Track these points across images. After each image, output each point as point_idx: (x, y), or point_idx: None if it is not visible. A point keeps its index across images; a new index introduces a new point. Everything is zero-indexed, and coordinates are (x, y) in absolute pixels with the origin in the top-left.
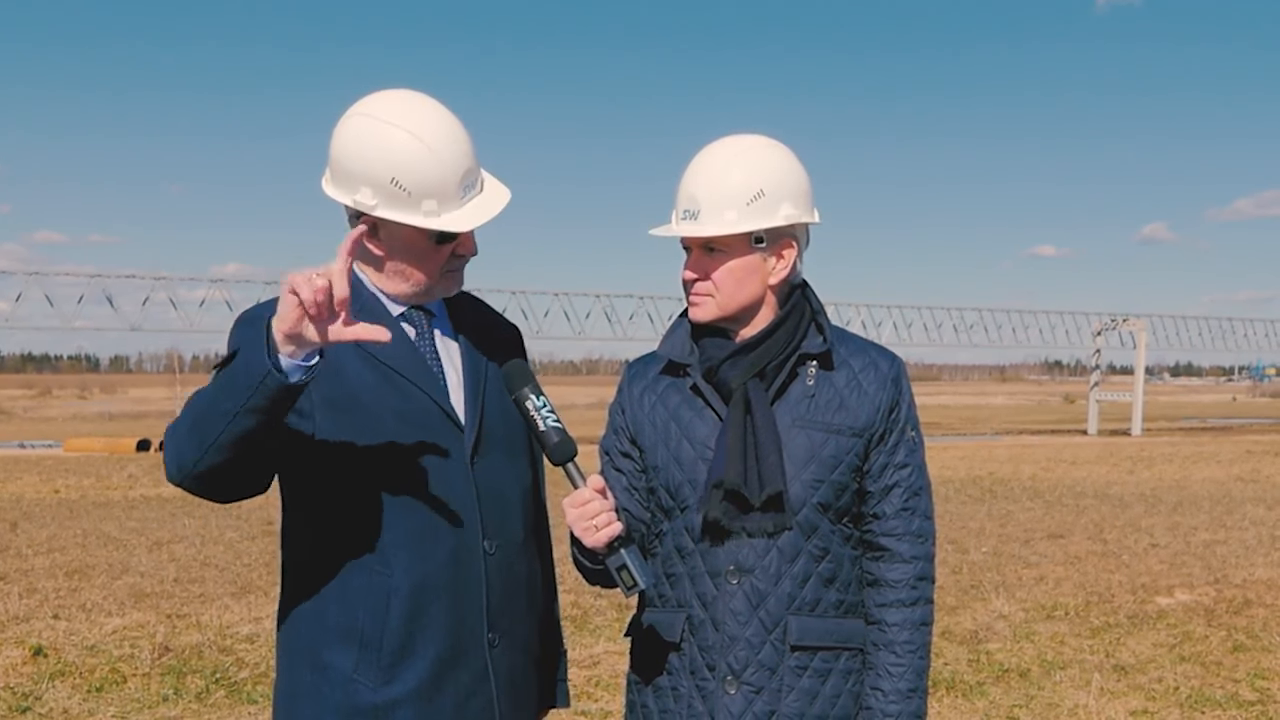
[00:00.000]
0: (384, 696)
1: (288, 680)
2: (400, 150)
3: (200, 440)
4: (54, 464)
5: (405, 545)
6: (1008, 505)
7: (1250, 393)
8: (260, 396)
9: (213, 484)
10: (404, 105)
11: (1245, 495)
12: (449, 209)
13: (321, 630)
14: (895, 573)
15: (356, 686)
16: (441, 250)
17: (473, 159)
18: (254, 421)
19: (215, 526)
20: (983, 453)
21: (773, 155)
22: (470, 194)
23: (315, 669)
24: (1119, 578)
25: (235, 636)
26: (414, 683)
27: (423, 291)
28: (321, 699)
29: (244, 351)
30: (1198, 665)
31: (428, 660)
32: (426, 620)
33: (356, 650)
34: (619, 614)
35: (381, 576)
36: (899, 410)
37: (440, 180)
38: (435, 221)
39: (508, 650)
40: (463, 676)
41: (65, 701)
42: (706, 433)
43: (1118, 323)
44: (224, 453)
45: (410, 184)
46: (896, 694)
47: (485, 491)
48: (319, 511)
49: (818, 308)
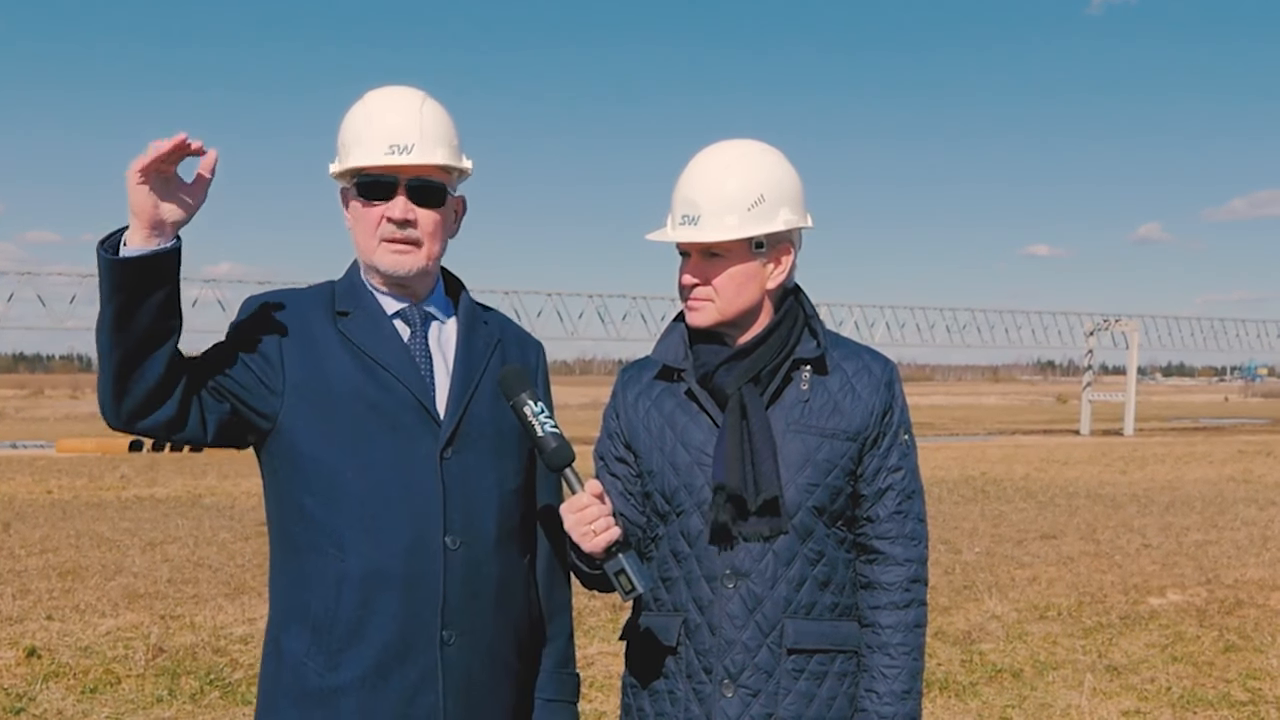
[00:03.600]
0: (330, 682)
1: (262, 663)
2: (350, 113)
3: (101, 360)
4: (46, 464)
5: (361, 532)
6: (1000, 505)
7: (1242, 393)
8: (107, 280)
9: (134, 402)
10: (386, 88)
11: (1237, 495)
12: (368, 158)
13: (280, 613)
14: (889, 575)
15: (306, 670)
16: (372, 211)
17: (410, 126)
18: (118, 302)
19: (209, 527)
20: (975, 453)
21: (770, 160)
22: (397, 154)
23: (274, 652)
24: (1111, 578)
25: (229, 637)
26: (359, 670)
27: (371, 266)
28: (277, 682)
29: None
30: (1190, 665)
31: (374, 648)
32: (376, 608)
33: (309, 634)
34: (613, 615)
35: (335, 561)
36: (892, 414)
37: (366, 132)
38: (345, 162)
39: (465, 651)
40: (410, 672)
41: (59, 703)
42: (702, 438)
43: (1110, 323)
44: (116, 355)
45: (346, 137)
46: (891, 695)
47: (454, 488)
48: (286, 495)
49: (811, 312)
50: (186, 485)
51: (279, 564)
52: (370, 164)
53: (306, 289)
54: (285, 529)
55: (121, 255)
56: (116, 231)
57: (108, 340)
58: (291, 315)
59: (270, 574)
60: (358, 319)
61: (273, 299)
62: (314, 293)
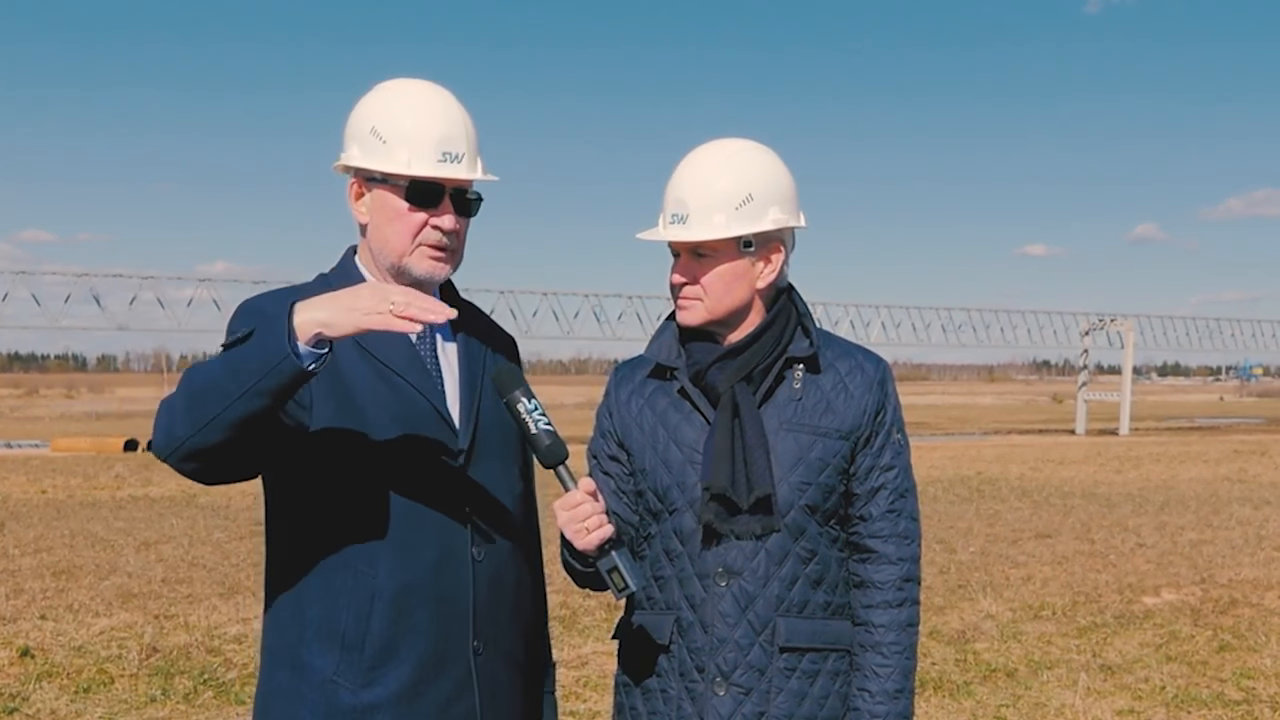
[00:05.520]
0: (363, 699)
1: (266, 679)
2: (383, 103)
3: (196, 417)
4: (41, 464)
5: (392, 547)
6: (995, 505)
7: (1237, 392)
8: (273, 379)
9: (200, 462)
10: (410, 80)
11: (1232, 495)
12: (421, 162)
13: (301, 630)
14: (882, 574)
15: (335, 688)
16: (415, 216)
17: (460, 135)
18: (259, 404)
19: (203, 527)
20: (970, 452)
21: (760, 159)
22: (451, 162)
23: (294, 669)
24: (1106, 577)
25: (223, 637)
26: (395, 686)
27: (400, 268)
28: (299, 699)
29: (259, 333)
30: (1184, 665)
31: (410, 665)
32: (410, 624)
33: (338, 651)
34: (607, 614)
35: (366, 577)
36: (885, 413)
37: (417, 133)
38: (405, 168)
39: (492, 659)
40: (445, 684)
41: (53, 702)
42: (694, 436)
43: (1105, 323)
44: (219, 432)
45: (386, 132)
46: (884, 695)
47: (477, 498)
48: (307, 507)
49: (804, 311)
50: (181, 485)
51: (296, 579)
52: (425, 173)
53: (302, 288)
54: (306, 544)
55: (308, 367)
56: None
57: (226, 423)
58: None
59: (278, 587)
60: None
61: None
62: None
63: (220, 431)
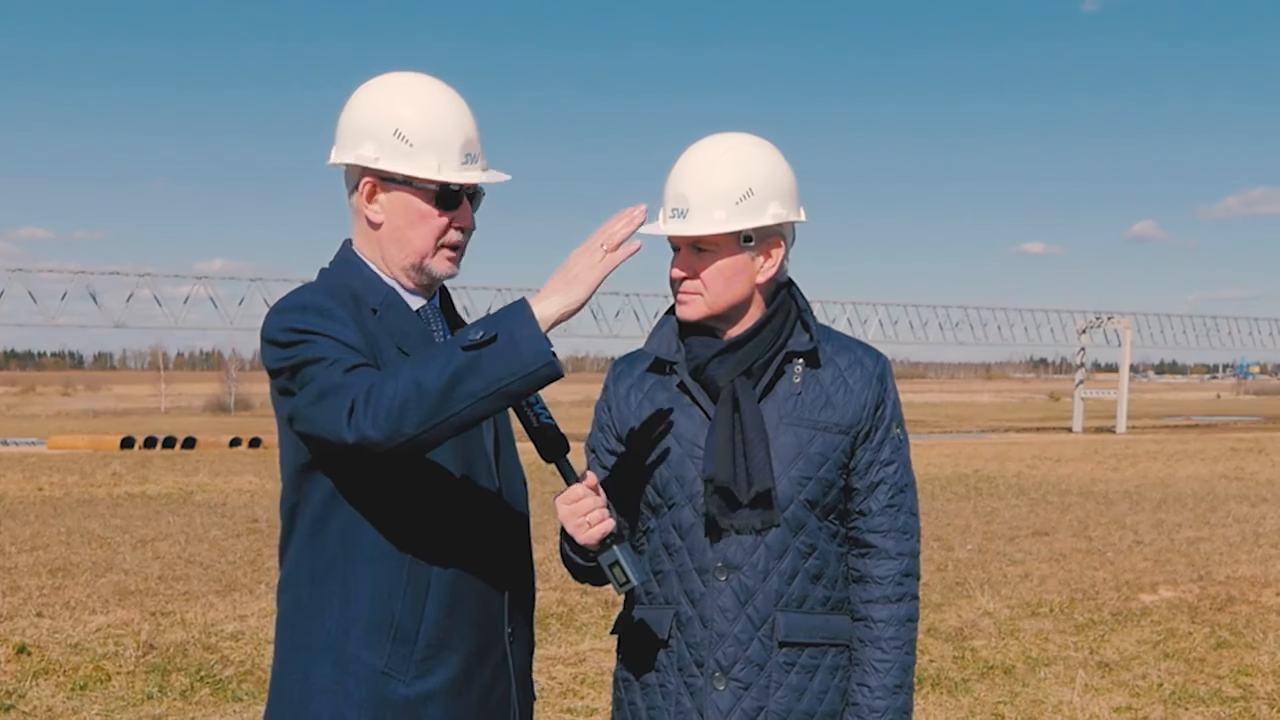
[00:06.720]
0: (416, 690)
1: (302, 677)
2: (406, 105)
3: (429, 414)
4: (37, 461)
5: (444, 538)
6: (993, 503)
7: (1235, 390)
8: (529, 382)
9: (412, 454)
10: (414, 76)
11: (1229, 492)
12: (449, 168)
13: (347, 623)
14: (881, 569)
15: (388, 680)
16: (441, 219)
17: (476, 136)
18: (500, 405)
19: (200, 524)
20: (968, 450)
21: (761, 154)
22: (472, 164)
23: (338, 663)
24: (1103, 575)
25: (220, 634)
26: (447, 676)
27: (421, 267)
28: (344, 694)
29: (509, 335)
30: (1181, 662)
31: (461, 654)
32: (461, 614)
33: (389, 644)
34: (605, 611)
35: (421, 570)
36: (884, 408)
37: (443, 137)
38: (435, 173)
39: (518, 644)
40: (486, 671)
41: (49, 700)
42: (694, 430)
43: (1103, 321)
44: (450, 430)
45: (413, 136)
46: (882, 689)
47: (505, 487)
48: (368, 502)
49: (804, 306)
50: (178, 482)
51: (343, 573)
52: (455, 179)
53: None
54: (360, 538)
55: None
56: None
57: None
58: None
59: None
60: (393, 318)
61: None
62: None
63: (451, 430)
